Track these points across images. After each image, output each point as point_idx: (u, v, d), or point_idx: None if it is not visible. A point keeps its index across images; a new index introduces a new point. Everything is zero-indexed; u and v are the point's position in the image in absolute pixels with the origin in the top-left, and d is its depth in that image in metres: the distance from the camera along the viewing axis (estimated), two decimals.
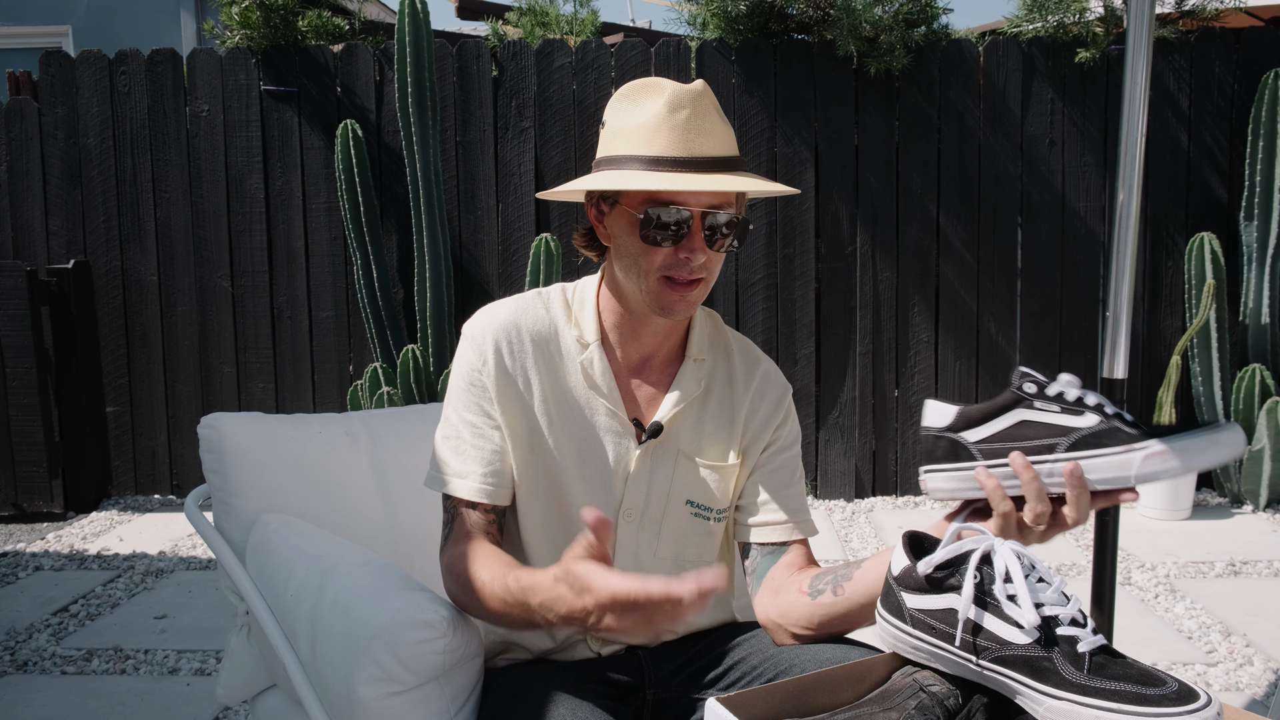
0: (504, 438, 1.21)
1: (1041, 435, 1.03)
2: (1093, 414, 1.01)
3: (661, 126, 1.13)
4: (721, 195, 1.15)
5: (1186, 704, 0.84)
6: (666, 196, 1.13)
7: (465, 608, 1.14)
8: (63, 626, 2.96)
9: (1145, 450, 0.98)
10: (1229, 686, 2.46)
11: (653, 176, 1.12)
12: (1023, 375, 1.06)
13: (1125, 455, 0.98)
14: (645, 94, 1.17)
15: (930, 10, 4.06)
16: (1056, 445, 1.02)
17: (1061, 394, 1.03)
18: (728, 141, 1.16)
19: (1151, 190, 4.09)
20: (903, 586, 1.02)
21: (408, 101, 3.92)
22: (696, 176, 1.12)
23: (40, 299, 4.03)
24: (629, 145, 1.15)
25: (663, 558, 1.27)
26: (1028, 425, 1.04)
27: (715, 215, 1.15)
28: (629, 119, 1.17)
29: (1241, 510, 3.94)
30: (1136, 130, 1.82)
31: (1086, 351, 4.17)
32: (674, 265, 1.16)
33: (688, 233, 1.14)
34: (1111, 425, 1.00)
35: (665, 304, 1.18)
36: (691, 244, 1.15)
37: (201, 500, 1.50)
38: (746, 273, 4.18)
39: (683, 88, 1.15)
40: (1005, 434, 1.05)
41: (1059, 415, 1.02)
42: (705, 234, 1.15)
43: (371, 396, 3.92)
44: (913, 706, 0.93)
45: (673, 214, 1.13)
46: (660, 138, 1.13)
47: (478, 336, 1.23)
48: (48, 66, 4.23)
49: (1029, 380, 1.06)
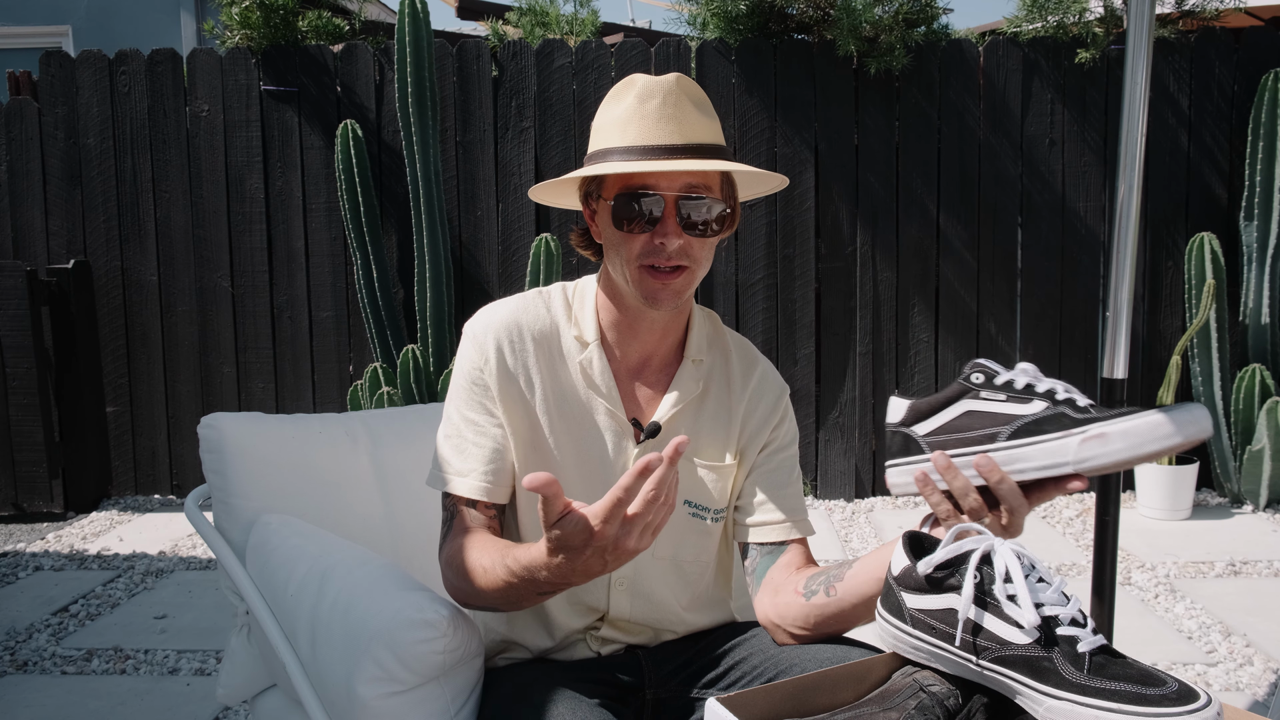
0: (506, 435, 1.21)
1: (986, 425, 1.01)
2: (1040, 400, 0.99)
3: (632, 117, 1.16)
4: (697, 179, 1.16)
5: (1186, 704, 0.84)
6: (639, 182, 1.15)
7: (468, 597, 1.14)
8: (63, 626, 2.96)
9: (1083, 434, 0.95)
10: (1229, 686, 2.46)
11: (617, 165, 1.14)
12: (973, 366, 1.04)
13: (1061, 440, 0.96)
14: (623, 90, 1.20)
15: (930, 10, 4.06)
16: (998, 434, 1.00)
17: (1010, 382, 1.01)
18: (704, 129, 1.17)
19: (1151, 190, 4.09)
20: (903, 586, 1.02)
21: (408, 101, 3.92)
22: (664, 161, 1.13)
23: (40, 299, 4.03)
24: (606, 139, 1.18)
25: (660, 558, 1.27)
26: (973, 415, 1.02)
27: (690, 199, 1.15)
28: (607, 115, 1.20)
29: (1241, 510, 3.94)
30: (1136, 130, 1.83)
31: (1086, 351, 4.17)
32: (651, 252, 1.16)
33: (661, 218, 1.15)
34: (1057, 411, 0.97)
35: (647, 293, 1.18)
36: (665, 228, 1.15)
37: (201, 500, 1.50)
38: (746, 273, 4.18)
39: (654, 79, 1.18)
40: (951, 425, 1.03)
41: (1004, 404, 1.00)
42: (680, 219, 1.15)
43: (371, 396, 3.92)
44: (913, 706, 0.93)
45: (644, 198, 1.15)
46: (631, 128, 1.16)
47: (479, 335, 1.23)
48: (48, 66, 4.24)
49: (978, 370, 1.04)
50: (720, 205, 1.18)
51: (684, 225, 1.16)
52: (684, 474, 1.27)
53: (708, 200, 1.16)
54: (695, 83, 1.21)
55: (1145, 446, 0.93)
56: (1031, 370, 1.03)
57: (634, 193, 1.15)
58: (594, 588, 1.26)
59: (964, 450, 1.01)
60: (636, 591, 1.27)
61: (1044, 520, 3.89)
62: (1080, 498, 4.15)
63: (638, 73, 1.28)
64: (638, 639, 1.30)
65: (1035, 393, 1.00)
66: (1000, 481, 0.99)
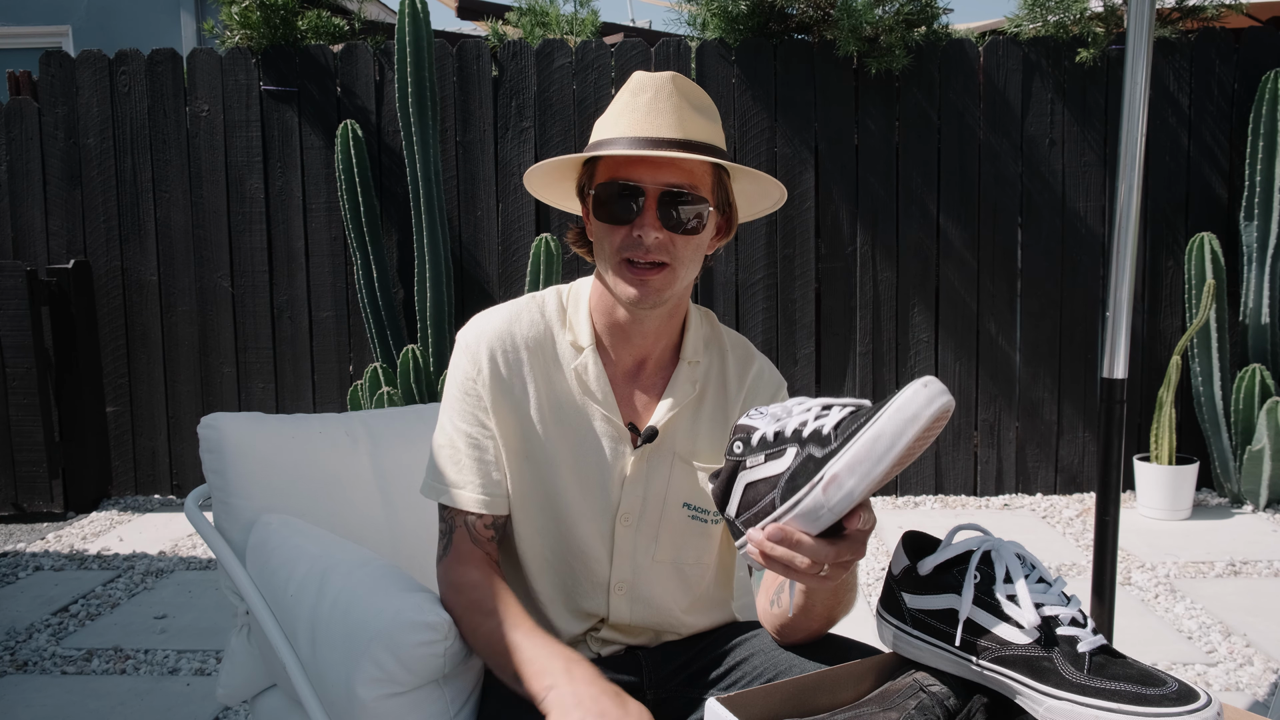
0: (498, 448, 1.21)
1: (764, 494, 0.93)
2: (791, 446, 0.92)
3: (624, 111, 1.17)
4: (681, 175, 1.15)
5: (1186, 704, 0.84)
6: (623, 174, 1.15)
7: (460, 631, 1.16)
8: (63, 626, 2.96)
9: (822, 481, 0.89)
10: (1229, 686, 2.46)
11: (594, 152, 1.16)
12: (734, 432, 0.96)
13: (812, 494, 0.90)
14: (623, 88, 1.21)
15: (930, 10, 4.05)
16: (774, 502, 0.92)
17: (764, 437, 0.93)
18: (697, 127, 1.16)
19: (1151, 190, 4.09)
20: (903, 586, 1.02)
21: (408, 101, 3.92)
22: (639, 151, 1.13)
23: (40, 299, 4.03)
24: (600, 132, 1.20)
25: (661, 561, 1.27)
26: (752, 488, 0.94)
27: (672, 193, 1.14)
28: (606, 112, 1.22)
29: (1241, 510, 3.94)
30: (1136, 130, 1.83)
31: (1086, 351, 4.17)
32: (630, 245, 1.15)
33: (641, 210, 1.15)
34: (804, 456, 0.91)
35: (625, 289, 1.17)
36: (644, 220, 1.14)
37: (201, 500, 1.50)
38: (746, 273, 4.18)
39: (648, 75, 1.19)
40: (744, 503, 0.95)
41: (765, 465, 0.93)
42: (659, 212, 1.14)
43: (371, 396, 3.92)
44: (913, 706, 0.93)
45: (624, 189, 1.14)
46: (623, 121, 1.16)
47: (472, 345, 1.23)
48: (48, 66, 4.23)
49: (737, 438, 0.95)
50: (705, 205, 1.16)
51: (663, 220, 1.14)
52: (683, 476, 1.26)
53: (690, 196, 1.15)
54: (696, 84, 1.21)
55: (878, 467, 0.86)
56: (783, 407, 0.95)
57: (616, 183, 1.15)
58: (593, 593, 1.25)
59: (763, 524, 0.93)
60: (636, 596, 1.26)
61: (1044, 520, 3.89)
62: (1080, 497, 4.15)
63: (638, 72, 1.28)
64: (638, 640, 1.30)
65: (785, 439, 0.93)
66: (799, 544, 0.91)
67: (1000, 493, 4.23)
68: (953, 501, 4.17)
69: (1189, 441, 4.07)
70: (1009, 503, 4.14)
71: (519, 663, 1.08)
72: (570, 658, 1.07)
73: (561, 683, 1.03)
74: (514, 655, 1.09)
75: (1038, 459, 4.21)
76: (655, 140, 1.13)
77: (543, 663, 1.06)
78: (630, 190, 1.14)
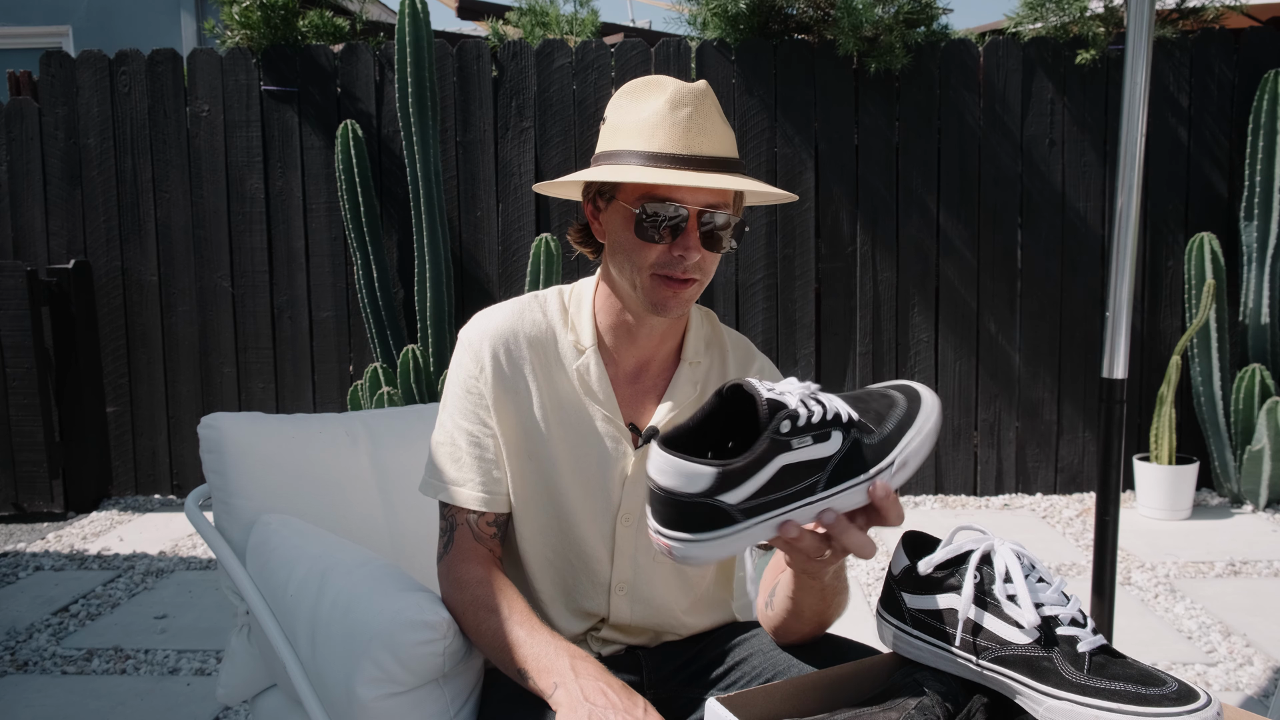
0: (499, 446, 1.21)
1: (803, 477, 0.91)
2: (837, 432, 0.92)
3: (663, 123, 1.12)
4: (719, 195, 1.15)
5: (1186, 704, 0.84)
6: (664, 192, 1.12)
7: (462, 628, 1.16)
8: (63, 626, 2.96)
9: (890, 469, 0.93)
10: (1229, 686, 2.46)
11: (652, 172, 1.11)
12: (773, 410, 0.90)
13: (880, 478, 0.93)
14: (648, 91, 1.16)
15: (930, 10, 4.06)
16: (816, 484, 0.91)
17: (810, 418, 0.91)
18: (728, 143, 1.16)
19: (1152, 190, 4.09)
20: (903, 586, 1.02)
21: (408, 102, 3.92)
22: (696, 174, 1.11)
23: (40, 299, 4.03)
24: (629, 141, 1.14)
25: (661, 561, 1.27)
26: (788, 471, 0.90)
27: (712, 215, 1.14)
28: (630, 115, 1.16)
29: (1241, 510, 3.94)
30: (1136, 130, 1.83)
31: (1087, 351, 4.17)
32: (668, 263, 1.15)
33: (683, 231, 1.13)
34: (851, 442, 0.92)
35: (657, 301, 1.17)
36: (686, 242, 1.14)
37: (201, 500, 1.50)
38: (746, 273, 4.18)
39: (686, 86, 1.15)
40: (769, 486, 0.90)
41: (812, 447, 0.91)
42: (701, 233, 1.14)
43: (371, 396, 3.92)
44: (912, 706, 0.93)
45: (669, 210, 1.12)
46: (660, 134, 1.12)
47: (475, 343, 1.22)
48: (48, 66, 4.23)
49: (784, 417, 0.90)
50: (736, 219, 1.17)
51: (705, 241, 1.14)
52: None
53: (726, 215, 1.15)
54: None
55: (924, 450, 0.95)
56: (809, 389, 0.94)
57: (659, 201, 1.13)
58: (594, 593, 1.25)
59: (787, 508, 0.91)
60: (636, 596, 1.26)
61: (1044, 520, 3.89)
62: (1080, 497, 4.15)
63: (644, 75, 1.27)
64: (638, 640, 1.30)
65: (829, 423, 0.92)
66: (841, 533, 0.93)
67: (1000, 492, 4.23)
68: (952, 501, 4.17)
69: (1189, 441, 4.07)
70: (1009, 503, 4.14)
71: (523, 659, 1.08)
72: (575, 654, 1.07)
73: (568, 680, 1.03)
74: (518, 652, 1.09)
75: (1038, 459, 4.22)
76: (700, 160, 1.12)
77: (548, 660, 1.06)
78: (674, 211, 1.12)
